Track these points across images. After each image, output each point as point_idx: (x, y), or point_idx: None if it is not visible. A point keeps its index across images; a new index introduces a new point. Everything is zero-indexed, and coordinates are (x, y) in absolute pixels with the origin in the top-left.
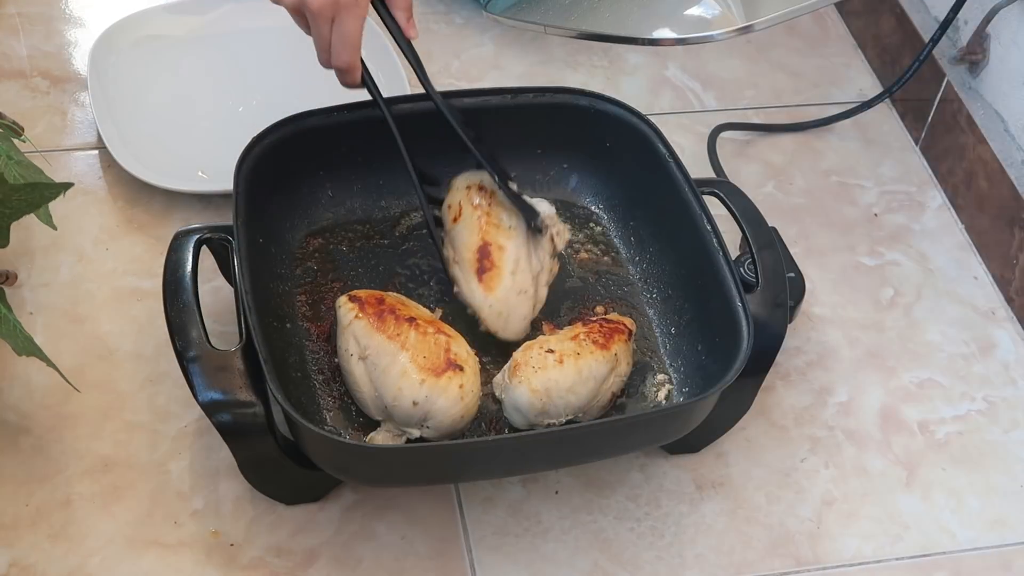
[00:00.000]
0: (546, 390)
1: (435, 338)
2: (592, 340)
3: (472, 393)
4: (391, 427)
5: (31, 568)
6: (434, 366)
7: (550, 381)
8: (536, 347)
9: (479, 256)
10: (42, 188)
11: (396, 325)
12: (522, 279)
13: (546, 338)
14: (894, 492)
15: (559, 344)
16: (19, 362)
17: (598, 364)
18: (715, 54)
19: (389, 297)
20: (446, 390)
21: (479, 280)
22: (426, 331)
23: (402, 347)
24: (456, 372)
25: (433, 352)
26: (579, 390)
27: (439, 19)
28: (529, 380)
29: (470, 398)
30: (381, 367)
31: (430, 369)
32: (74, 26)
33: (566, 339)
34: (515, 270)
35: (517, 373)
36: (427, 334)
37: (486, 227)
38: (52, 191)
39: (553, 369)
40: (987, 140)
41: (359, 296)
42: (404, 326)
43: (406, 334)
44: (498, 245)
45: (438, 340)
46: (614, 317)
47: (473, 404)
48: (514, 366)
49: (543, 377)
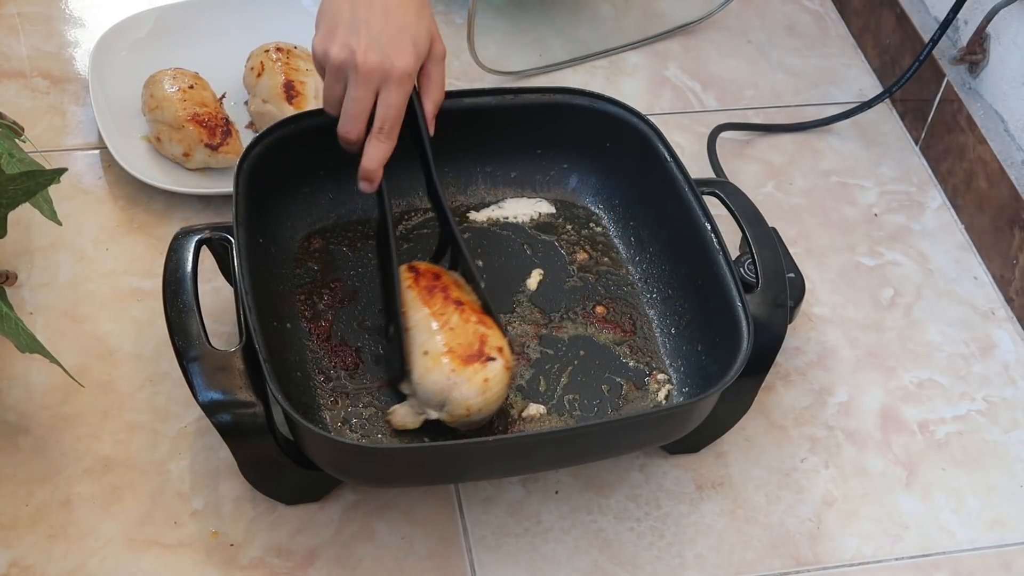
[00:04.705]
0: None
1: (475, 327)
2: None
3: (496, 388)
4: (414, 403)
5: (31, 568)
6: (466, 353)
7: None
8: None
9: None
10: (37, 175)
11: (443, 304)
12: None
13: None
14: (894, 492)
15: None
16: (19, 362)
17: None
18: (715, 54)
19: (446, 276)
20: (470, 380)
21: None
22: (469, 318)
23: (441, 327)
24: (484, 364)
25: (469, 340)
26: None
27: (439, 19)
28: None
29: (493, 393)
30: (418, 343)
31: (461, 356)
32: (74, 26)
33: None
34: (317, 94)
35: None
36: (469, 321)
37: (287, 70)
38: (47, 177)
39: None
40: (987, 140)
41: (418, 267)
42: (450, 307)
43: (449, 315)
44: (300, 80)
45: (477, 330)
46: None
47: (495, 399)
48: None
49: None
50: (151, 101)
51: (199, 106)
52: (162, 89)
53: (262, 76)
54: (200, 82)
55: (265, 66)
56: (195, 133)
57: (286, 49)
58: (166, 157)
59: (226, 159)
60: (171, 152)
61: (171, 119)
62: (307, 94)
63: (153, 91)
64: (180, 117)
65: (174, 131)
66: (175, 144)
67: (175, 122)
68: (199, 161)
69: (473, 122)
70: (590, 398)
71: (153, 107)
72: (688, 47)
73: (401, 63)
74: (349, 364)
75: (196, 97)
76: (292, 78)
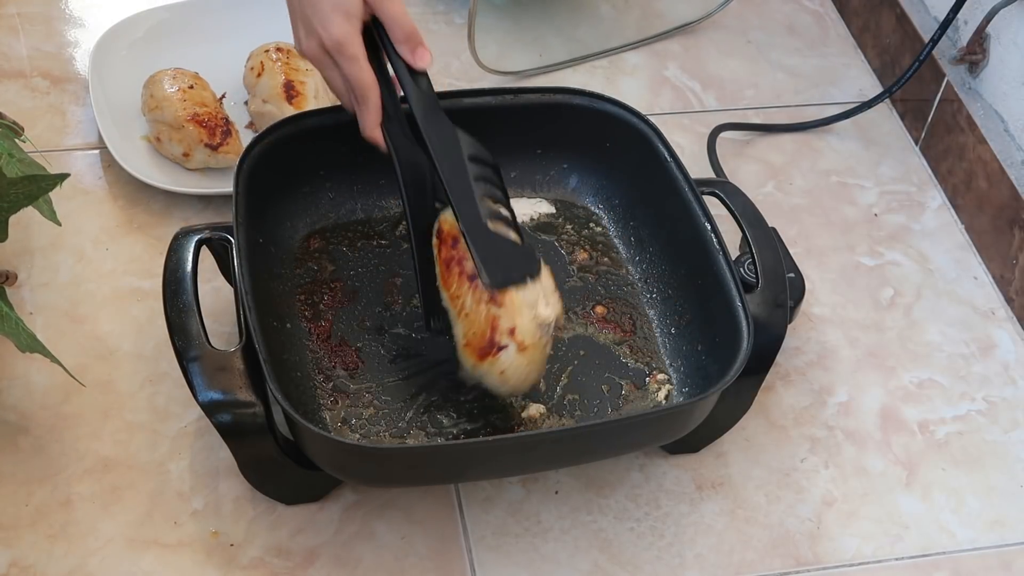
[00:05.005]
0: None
1: (486, 309)
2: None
3: (517, 374)
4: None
5: (31, 568)
6: (479, 345)
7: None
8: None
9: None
10: (39, 180)
11: (459, 283)
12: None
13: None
14: (894, 492)
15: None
16: (19, 362)
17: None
18: (715, 54)
19: (463, 240)
20: (488, 374)
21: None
22: (481, 297)
23: (459, 315)
24: (496, 357)
25: (481, 328)
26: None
27: (439, 19)
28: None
29: (514, 380)
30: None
31: (475, 349)
32: (74, 26)
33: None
34: (317, 95)
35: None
36: (481, 302)
37: (287, 70)
38: (49, 182)
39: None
40: (987, 140)
41: (442, 229)
42: (465, 286)
43: (464, 298)
44: (300, 80)
45: (488, 312)
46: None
47: (521, 382)
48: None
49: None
50: (151, 101)
51: (199, 106)
52: (162, 89)
53: (262, 76)
54: (200, 82)
55: (265, 66)
56: (195, 133)
57: (286, 49)
58: (166, 157)
59: (226, 159)
60: (171, 152)
61: (171, 119)
62: (307, 94)
63: (153, 91)
64: (180, 117)
65: (174, 131)
66: (175, 144)
67: (175, 122)
68: (199, 161)
69: (473, 122)
70: (590, 398)
71: (153, 107)
72: (688, 47)
73: (332, 34)
74: (349, 364)
75: (196, 97)
76: (292, 78)
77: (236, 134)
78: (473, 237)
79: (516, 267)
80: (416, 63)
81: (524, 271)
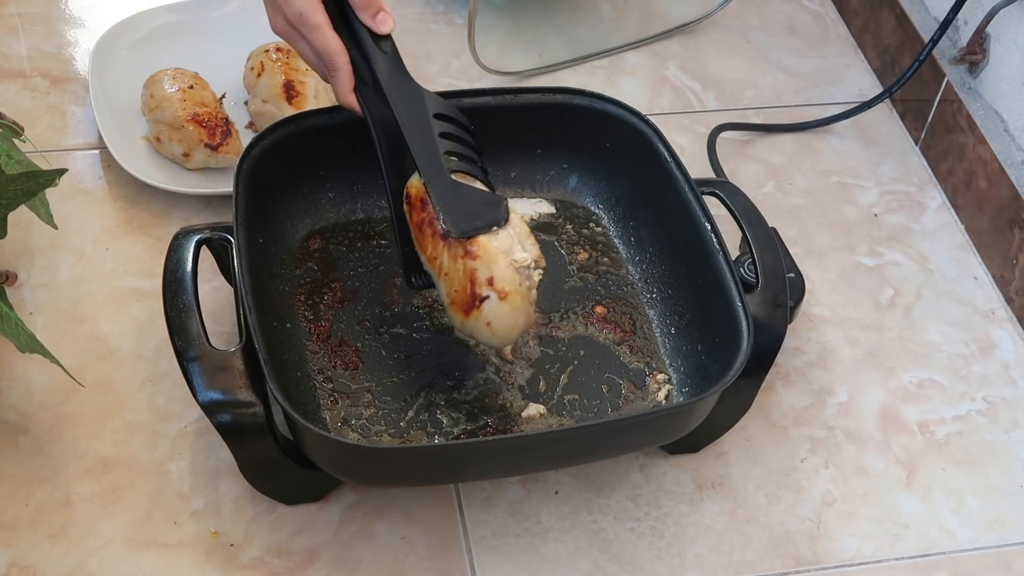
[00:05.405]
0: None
1: (463, 263)
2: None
3: (504, 323)
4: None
5: (31, 568)
6: (463, 303)
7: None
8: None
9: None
10: (37, 175)
11: (433, 244)
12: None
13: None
14: (894, 492)
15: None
16: (19, 362)
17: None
18: (715, 54)
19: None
20: (476, 329)
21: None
22: (456, 253)
23: (439, 275)
24: (480, 308)
25: (461, 284)
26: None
27: (439, 19)
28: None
29: (503, 330)
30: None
31: (460, 305)
32: (74, 26)
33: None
34: (317, 95)
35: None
36: (457, 258)
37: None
38: (47, 178)
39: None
40: (987, 140)
41: (409, 194)
42: (440, 245)
43: (440, 257)
44: (300, 80)
45: (465, 266)
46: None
47: (509, 333)
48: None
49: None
50: (151, 101)
51: (199, 106)
52: (162, 89)
53: (262, 76)
54: (200, 82)
55: (265, 66)
56: (195, 133)
57: (286, 49)
58: (166, 157)
59: (226, 159)
60: (171, 152)
61: (171, 119)
62: (307, 94)
63: (153, 91)
64: (180, 117)
65: (174, 131)
66: (175, 144)
67: (175, 122)
68: (199, 161)
69: (473, 122)
70: (590, 398)
71: (153, 107)
72: (688, 47)
73: (292, 6)
74: (349, 364)
75: (196, 97)
76: (292, 78)
77: (236, 134)
78: (432, 186)
79: (481, 215)
80: (378, 27)
81: (490, 219)
